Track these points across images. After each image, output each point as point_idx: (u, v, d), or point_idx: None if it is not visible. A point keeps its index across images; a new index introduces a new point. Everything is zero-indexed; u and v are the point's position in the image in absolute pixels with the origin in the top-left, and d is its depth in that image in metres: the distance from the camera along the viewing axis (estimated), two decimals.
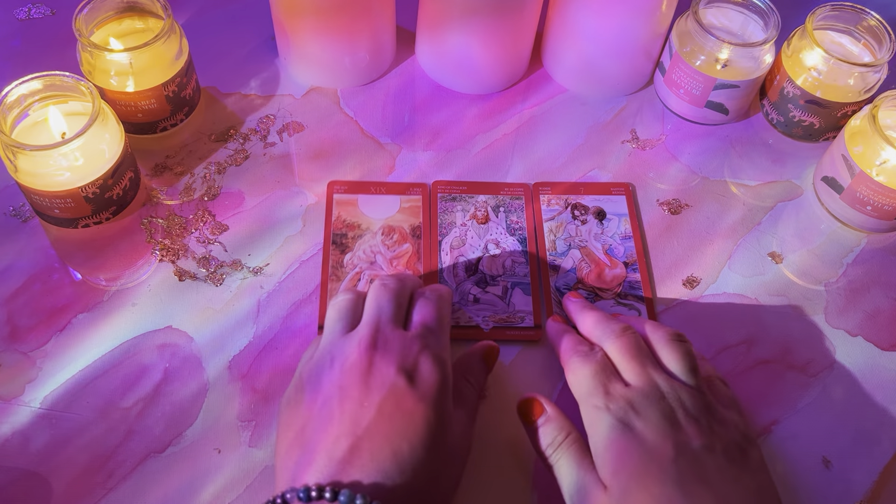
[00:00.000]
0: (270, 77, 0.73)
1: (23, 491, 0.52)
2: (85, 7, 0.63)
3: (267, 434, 0.55)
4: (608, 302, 0.62)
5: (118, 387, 0.56)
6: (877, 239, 0.68)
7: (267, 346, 0.59)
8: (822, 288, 0.65)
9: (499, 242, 0.64)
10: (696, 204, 0.68)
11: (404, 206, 0.66)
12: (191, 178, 0.66)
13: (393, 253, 0.63)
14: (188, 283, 0.61)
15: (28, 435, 0.54)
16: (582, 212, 0.67)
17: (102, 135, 0.59)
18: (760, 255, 0.66)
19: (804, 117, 0.70)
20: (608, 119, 0.73)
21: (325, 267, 0.62)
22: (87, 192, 0.59)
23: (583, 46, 0.71)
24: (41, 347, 0.58)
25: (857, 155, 0.64)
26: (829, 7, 0.70)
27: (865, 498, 0.56)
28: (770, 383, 0.60)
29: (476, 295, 0.62)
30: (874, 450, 0.58)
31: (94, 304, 0.60)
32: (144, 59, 0.62)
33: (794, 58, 0.69)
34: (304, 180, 0.67)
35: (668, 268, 0.65)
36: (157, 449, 0.54)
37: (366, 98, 0.73)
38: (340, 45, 0.69)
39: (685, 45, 0.69)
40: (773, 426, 0.58)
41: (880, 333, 0.63)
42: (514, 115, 0.73)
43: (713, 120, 0.73)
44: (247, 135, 0.69)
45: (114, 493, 0.52)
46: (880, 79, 0.68)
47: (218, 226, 0.64)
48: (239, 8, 0.78)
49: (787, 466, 0.56)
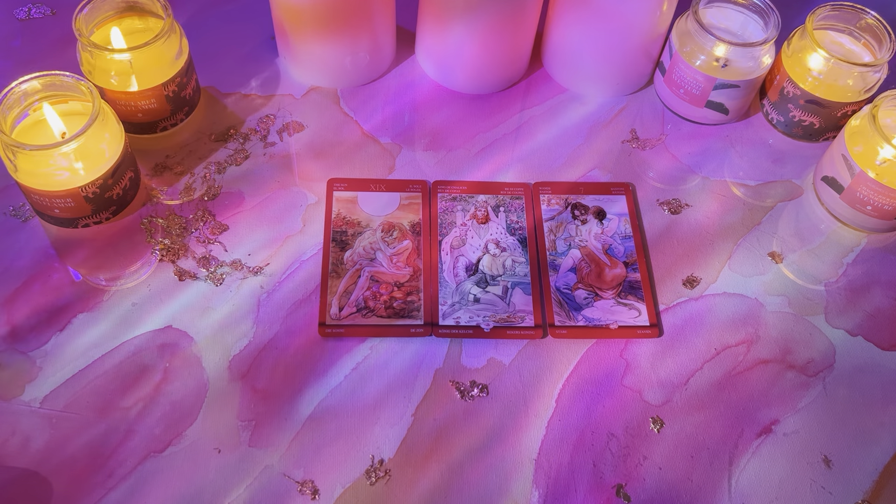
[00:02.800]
0: (270, 77, 0.73)
1: (23, 490, 0.52)
2: (85, 7, 0.63)
3: (267, 434, 0.55)
4: (608, 302, 0.62)
5: (118, 387, 0.56)
6: (877, 239, 0.68)
7: (267, 346, 0.59)
8: (822, 288, 0.65)
9: (499, 242, 0.64)
10: (696, 204, 0.68)
11: (404, 203, 0.66)
12: (191, 177, 0.66)
13: (393, 250, 0.63)
14: (188, 283, 0.61)
15: (28, 435, 0.54)
16: (582, 211, 0.67)
17: (102, 134, 0.59)
18: (760, 255, 0.66)
19: (804, 117, 0.70)
20: (608, 119, 0.73)
21: (325, 263, 0.62)
22: (86, 192, 0.59)
23: (583, 46, 0.71)
24: (41, 347, 0.58)
25: (857, 155, 0.64)
26: (829, 7, 0.70)
27: (865, 498, 0.56)
28: (770, 383, 0.60)
29: (476, 295, 0.62)
30: (874, 450, 0.58)
31: (94, 304, 0.60)
32: (144, 58, 0.62)
33: (795, 58, 0.69)
34: (304, 180, 0.67)
35: (668, 268, 0.65)
36: (157, 449, 0.54)
37: (366, 98, 0.73)
38: (340, 45, 0.69)
39: (685, 45, 0.69)
40: (773, 426, 0.58)
41: (880, 333, 0.63)
42: (514, 115, 0.73)
43: (713, 120, 0.73)
44: (247, 134, 0.69)
45: (114, 492, 0.52)
46: (880, 78, 0.68)
47: (218, 226, 0.64)
48: (239, 8, 0.78)
49: (787, 466, 0.56)
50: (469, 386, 0.58)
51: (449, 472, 0.55)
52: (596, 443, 0.57)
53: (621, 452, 0.56)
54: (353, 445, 0.55)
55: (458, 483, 0.55)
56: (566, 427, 0.57)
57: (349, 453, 0.55)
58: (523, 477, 0.55)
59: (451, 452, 0.56)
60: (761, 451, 0.57)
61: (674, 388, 0.59)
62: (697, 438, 0.57)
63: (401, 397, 0.57)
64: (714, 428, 0.58)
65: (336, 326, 0.60)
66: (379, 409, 0.57)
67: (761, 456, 0.57)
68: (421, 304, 0.61)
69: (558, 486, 0.55)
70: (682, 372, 0.60)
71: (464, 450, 0.56)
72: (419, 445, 0.56)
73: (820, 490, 0.56)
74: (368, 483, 0.54)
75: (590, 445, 0.56)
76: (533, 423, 0.57)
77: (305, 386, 0.57)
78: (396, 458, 0.55)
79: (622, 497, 0.55)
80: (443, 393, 0.58)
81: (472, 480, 0.55)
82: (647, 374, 0.60)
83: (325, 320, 0.60)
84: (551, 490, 0.55)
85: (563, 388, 0.59)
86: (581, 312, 0.61)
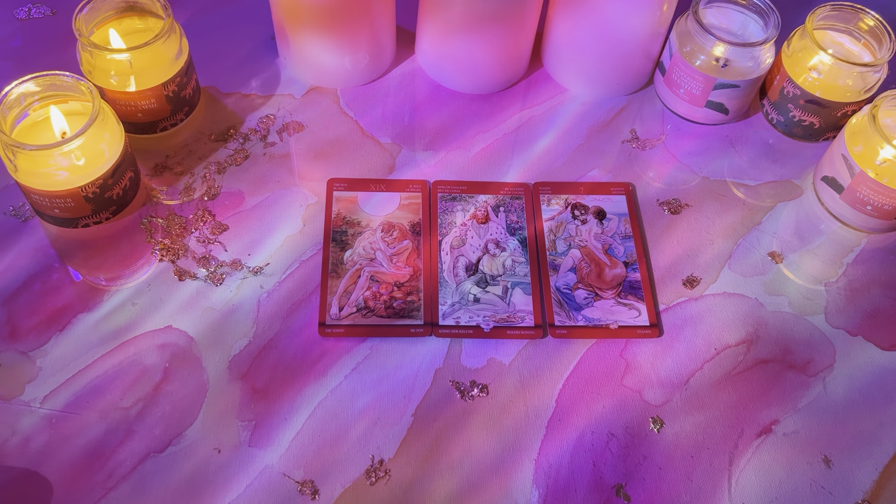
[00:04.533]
0: (270, 77, 0.73)
1: (23, 490, 0.52)
2: (85, 7, 0.63)
3: (267, 434, 0.55)
4: (608, 302, 0.62)
5: (118, 387, 0.56)
6: (877, 239, 0.68)
7: (267, 346, 0.59)
8: (822, 288, 0.65)
9: (499, 242, 0.64)
10: (696, 204, 0.68)
11: (404, 203, 0.66)
12: (191, 177, 0.66)
13: (393, 249, 0.63)
14: (188, 282, 0.61)
15: (28, 435, 0.54)
16: (582, 211, 0.67)
17: (102, 134, 0.59)
18: (760, 255, 0.66)
19: (804, 117, 0.70)
20: (608, 119, 0.73)
21: (325, 263, 0.62)
22: (86, 192, 0.59)
23: (582, 46, 0.71)
24: (41, 347, 0.58)
25: (857, 154, 0.64)
26: (828, 7, 0.70)
27: (865, 498, 0.56)
28: (770, 383, 0.60)
29: (476, 295, 0.62)
30: (874, 450, 0.58)
31: (95, 304, 0.60)
32: (144, 58, 0.62)
33: (794, 58, 0.69)
34: (304, 180, 0.67)
35: (668, 268, 0.65)
36: (157, 449, 0.54)
37: (366, 98, 0.73)
38: (340, 45, 0.69)
39: (685, 45, 0.69)
40: (773, 426, 0.58)
41: (880, 333, 0.63)
42: (514, 115, 0.73)
43: (713, 120, 0.73)
44: (247, 134, 0.69)
45: (114, 492, 0.52)
46: (880, 78, 0.68)
47: (218, 225, 0.64)
48: (239, 8, 0.78)
49: (787, 466, 0.56)
50: (469, 386, 0.58)
51: (449, 472, 0.55)
52: (596, 443, 0.57)
53: (621, 452, 0.56)
54: (353, 445, 0.55)
55: (459, 483, 0.55)
56: (566, 427, 0.57)
57: (349, 453, 0.55)
58: (523, 477, 0.55)
59: (451, 452, 0.56)
60: (761, 451, 0.57)
61: (674, 388, 0.59)
62: (697, 438, 0.57)
63: (401, 397, 0.57)
64: (714, 428, 0.58)
65: (336, 326, 0.60)
66: (379, 409, 0.57)
67: (761, 456, 0.57)
68: (421, 304, 0.61)
69: (558, 486, 0.55)
70: (682, 372, 0.60)
71: (464, 450, 0.56)
72: (419, 445, 0.56)
73: (820, 490, 0.56)
74: (368, 483, 0.54)
75: (590, 445, 0.56)
76: (533, 423, 0.57)
77: (305, 386, 0.57)
78: (396, 458, 0.55)
79: (622, 497, 0.55)
80: (443, 393, 0.58)
81: (472, 480, 0.55)
82: (647, 374, 0.60)
83: (325, 320, 0.60)
84: (551, 490, 0.55)
85: (563, 388, 0.59)
86: (581, 312, 0.61)
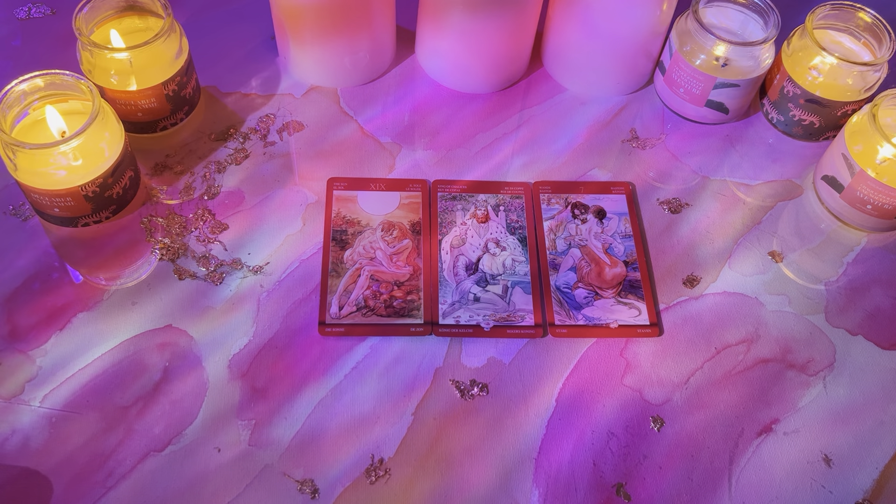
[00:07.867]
0: (270, 76, 0.73)
1: (23, 489, 0.52)
2: (85, 6, 0.63)
3: (267, 434, 0.55)
4: (608, 301, 0.62)
5: (118, 386, 0.56)
6: (877, 238, 0.68)
7: (267, 346, 0.59)
8: (822, 287, 0.65)
9: (499, 241, 0.64)
10: (696, 203, 0.68)
11: (404, 203, 0.66)
12: (191, 177, 0.66)
13: (393, 249, 0.63)
14: (188, 282, 0.61)
15: (28, 434, 0.54)
16: (582, 211, 0.67)
17: (102, 133, 0.59)
18: (760, 255, 0.66)
19: (804, 116, 0.70)
20: (608, 118, 0.73)
21: (325, 263, 0.62)
22: (86, 191, 0.59)
23: (582, 46, 0.71)
24: (41, 347, 0.58)
25: (857, 154, 0.64)
26: (828, 6, 0.70)
27: (866, 497, 0.56)
28: (770, 382, 0.60)
29: (476, 294, 0.62)
30: (874, 450, 0.58)
31: (94, 304, 0.60)
32: (144, 57, 0.62)
33: (794, 57, 0.69)
34: (304, 179, 0.67)
35: (668, 267, 0.65)
36: (157, 448, 0.54)
37: (366, 98, 0.73)
38: (340, 44, 0.69)
39: (685, 45, 0.69)
40: (773, 425, 0.58)
41: (880, 333, 0.63)
42: (514, 115, 0.73)
43: (713, 119, 0.73)
44: (247, 134, 0.69)
45: (114, 492, 0.52)
46: (880, 77, 0.68)
47: (218, 225, 0.64)
48: (239, 8, 0.78)
49: (788, 466, 0.56)
50: (469, 385, 0.58)
51: (449, 471, 0.55)
52: (596, 442, 0.57)
53: (621, 451, 0.56)
54: (353, 445, 0.55)
55: (458, 482, 0.55)
56: (566, 426, 0.57)
57: (349, 453, 0.55)
58: (523, 476, 0.55)
59: (451, 452, 0.56)
60: (761, 450, 0.57)
61: (674, 387, 0.59)
62: (697, 438, 0.57)
63: (401, 397, 0.57)
64: (714, 427, 0.58)
65: (336, 325, 0.60)
66: (379, 409, 0.57)
67: (761, 455, 0.57)
68: (421, 304, 0.61)
69: (558, 486, 0.55)
70: (682, 371, 0.60)
71: (464, 449, 0.56)
72: (419, 445, 0.56)
73: (820, 489, 0.56)
74: (368, 483, 0.54)
75: (590, 444, 0.56)
76: (533, 423, 0.57)
77: (305, 386, 0.57)
78: (396, 457, 0.55)
79: (622, 496, 0.55)
80: (443, 392, 0.58)
81: (473, 480, 0.55)
82: (648, 373, 0.60)
83: (325, 319, 0.60)
84: (551, 489, 0.55)
85: (563, 388, 0.59)
86: (581, 311, 0.61)
